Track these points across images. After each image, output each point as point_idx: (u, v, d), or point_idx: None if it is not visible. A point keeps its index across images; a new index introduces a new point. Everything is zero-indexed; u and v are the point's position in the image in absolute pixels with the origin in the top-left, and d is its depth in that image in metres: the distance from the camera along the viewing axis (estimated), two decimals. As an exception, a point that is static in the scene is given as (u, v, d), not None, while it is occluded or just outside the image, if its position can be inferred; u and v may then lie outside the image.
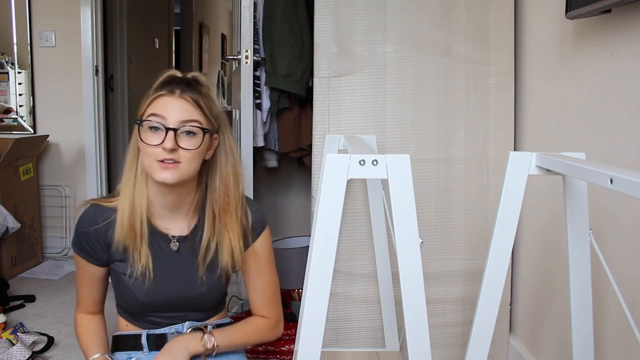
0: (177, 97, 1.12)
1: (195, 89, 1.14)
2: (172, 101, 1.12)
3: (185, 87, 1.13)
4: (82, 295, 1.33)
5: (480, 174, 1.74)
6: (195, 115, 1.13)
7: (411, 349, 0.94)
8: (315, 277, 0.91)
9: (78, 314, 1.34)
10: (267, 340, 1.38)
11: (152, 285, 1.24)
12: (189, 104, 1.12)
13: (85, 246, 1.25)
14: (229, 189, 1.21)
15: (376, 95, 1.72)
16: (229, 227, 1.22)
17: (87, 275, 1.30)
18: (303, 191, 3.08)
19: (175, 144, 1.10)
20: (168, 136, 1.10)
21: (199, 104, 1.13)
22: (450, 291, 1.76)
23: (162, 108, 1.12)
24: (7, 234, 2.62)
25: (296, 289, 2.24)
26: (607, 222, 1.24)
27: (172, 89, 1.13)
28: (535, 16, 1.65)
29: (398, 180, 0.91)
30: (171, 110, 1.11)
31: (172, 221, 1.25)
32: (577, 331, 1.03)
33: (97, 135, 3.17)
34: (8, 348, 1.78)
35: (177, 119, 1.11)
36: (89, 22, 3.08)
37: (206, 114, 1.15)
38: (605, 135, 1.26)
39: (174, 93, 1.12)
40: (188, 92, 1.13)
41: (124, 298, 1.28)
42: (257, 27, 2.37)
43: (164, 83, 1.15)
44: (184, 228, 1.26)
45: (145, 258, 1.22)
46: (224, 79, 7.62)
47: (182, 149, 1.12)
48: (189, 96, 1.12)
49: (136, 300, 1.26)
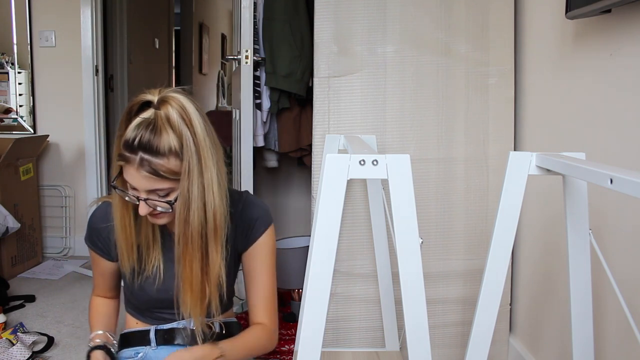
0: (135, 169, 1.08)
1: (153, 150, 1.07)
2: (134, 173, 1.09)
3: (143, 152, 1.07)
4: (97, 283, 1.40)
5: (480, 174, 1.74)
6: (159, 184, 1.10)
7: (411, 349, 0.93)
8: (315, 277, 0.91)
9: (93, 296, 1.43)
10: (265, 352, 1.35)
11: (162, 283, 1.27)
12: (148, 177, 1.08)
13: (97, 242, 1.31)
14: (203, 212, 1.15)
15: (376, 95, 1.72)
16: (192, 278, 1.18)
17: (99, 267, 1.36)
18: (303, 191, 3.08)
19: (149, 207, 1.13)
20: (141, 205, 1.12)
21: (158, 174, 1.08)
22: (450, 291, 1.76)
23: (130, 178, 1.10)
24: (7, 234, 2.62)
25: (296, 289, 2.24)
26: (607, 222, 1.23)
27: (130, 158, 1.08)
28: (535, 16, 1.65)
29: (398, 180, 0.91)
30: (137, 183, 1.10)
31: None
32: (577, 331, 1.03)
33: (97, 135, 3.18)
34: (8, 348, 1.78)
35: (144, 189, 1.10)
36: (89, 22, 3.08)
37: (169, 177, 1.09)
38: (605, 135, 1.26)
39: (133, 164, 1.08)
40: (145, 162, 1.07)
41: (134, 294, 1.31)
42: (257, 27, 2.37)
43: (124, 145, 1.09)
44: None
45: (157, 258, 1.26)
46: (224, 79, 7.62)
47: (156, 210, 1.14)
48: (147, 168, 1.08)
49: (146, 296, 1.30)
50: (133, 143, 1.08)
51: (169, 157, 1.08)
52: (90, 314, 1.40)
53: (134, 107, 1.12)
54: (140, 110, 1.12)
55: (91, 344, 1.30)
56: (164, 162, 1.08)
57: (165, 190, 1.11)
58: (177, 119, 1.08)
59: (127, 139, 1.09)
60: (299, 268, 2.13)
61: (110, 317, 1.40)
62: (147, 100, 1.11)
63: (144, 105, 1.12)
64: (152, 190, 1.10)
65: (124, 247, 1.23)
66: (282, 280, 2.24)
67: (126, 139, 1.09)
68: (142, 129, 1.08)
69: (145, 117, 1.09)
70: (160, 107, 1.10)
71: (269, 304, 1.34)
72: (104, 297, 1.42)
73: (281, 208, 3.14)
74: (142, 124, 1.09)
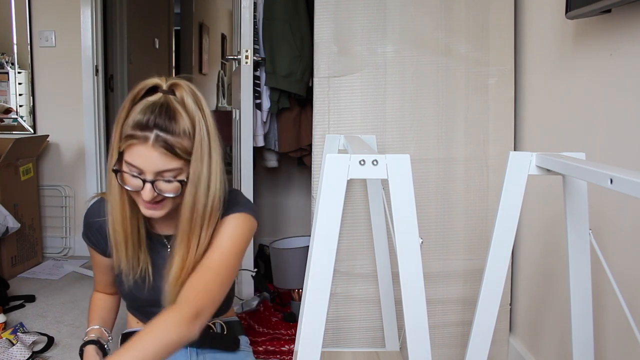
0: (150, 146, 1.05)
1: (172, 124, 1.06)
2: (145, 151, 1.05)
3: (162, 128, 1.05)
4: (97, 279, 1.42)
5: (480, 174, 1.74)
6: (171, 164, 1.07)
7: (411, 349, 0.93)
8: (315, 277, 0.91)
9: (94, 292, 1.45)
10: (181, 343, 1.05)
11: (152, 286, 1.27)
12: (164, 154, 1.06)
13: (91, 236, 1.32)
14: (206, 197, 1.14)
15: (376, 95, 1.72)
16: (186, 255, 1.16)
17: (96, 262, 1.38)
18: (303, 191, 3.08)
19: (155, 192, 1.08)
20: (146, 187, 1.07)
21: (173, 151, 1.06)
22: (450, 291, 1.76)
23: (138, 159, 1.06)
24: (7, 234, 2.62)
25: (296, 289, 2.24)
26: (607, 222, 1.23)
27: (145, 135, 1.05)
28: (536, 16, 1.65)
29: (398, 180, 0.91)
30: (146, 162, 1.06)
31: (166, 223, 1.27)
32: (577, 331, 1.03)
33: (97, 135, 3.18)
34: (8, 348, 1.78)
35: (154, 170, 1.07)
36: (89, 22, 3.08)
37: (182, 156, 1.08)
38: (605, 135, 1.26)
39: (147, 141, 1.05)
40: (161, 138, 1.05)
41: (126, 297, 1.31)
42: (257, 27, 2.37)
43: (136, 124, 1.06)
44: (172, 228, 1.25)
45: (144, 262, 1.24)
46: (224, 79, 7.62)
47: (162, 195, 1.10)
48: (162, 144, 1.05)
49: (137, 298, 1.30)
50: (148, 122, 1.06)
51: (183, 137, 1.08)
52: (89, 308, 1.42)
53: (140, 92, 1.11)
54: (146, 95, 1.11)
55: (85, 338, 1.32)
56: (179, 140, 1.07)
57: (174, 171, 1.08)
58: (190, 102, 1.09)
59: (140, 119, 1.06)
60: (299, 268, 2.13)
61: (107, 312, 1.42)
62: (154, 85, 1.11)
63: (150, 90, 1.12)
64: (161, 172, 1.07)
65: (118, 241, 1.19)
66: (282, 280, 2.24)
67: (138, 119, 1.06)
68: (155, 110, 1.07)
69: (155, 99, 1.09)
70: (172, 90, 1.11)
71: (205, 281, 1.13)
72: (103, 292, 1.44)
73: (281, 208, 3.14)
74: (155, 105, 1.08)
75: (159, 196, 1.10)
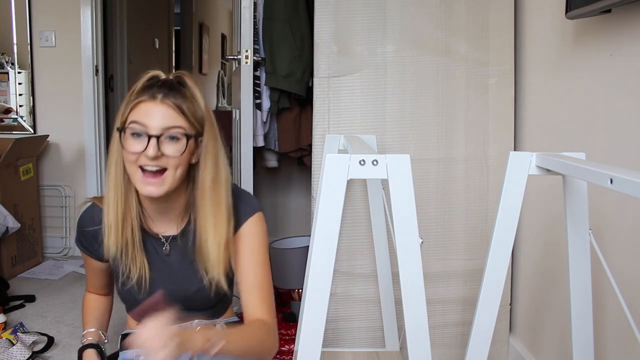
0: (158, 102, 1.07)
1: (178, 93, 1.09)
2: (153, 107, 1.07)
3: (168, 91, 1.08)
4: (90, 280, 1.41)
5: (480, 174, 1.74)
6: (178, 121, 1.08)
7: (411, 349, 0.94)
8: (315, 277, 0.91)
9: (86, 293, 1.43)
10: (266, 353, 1.19)
11: (150, 287, 1.25)
12: (171, 110, 1.07)
13: (85, 243, 1.30)
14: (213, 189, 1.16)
15: (376, 95, 1.72)
16: (215, 225, 1.17)
17: (90, 267, 1.36)
18: (303, 191, 3.08)
19: (159, 150, 1.07)
20: (150, 143, 1.06)
21: (181, 109, 1.08)
22: (450, 291, 1.76)
23: (144, 115, 1.07)
24: (7, 234, 2.62)
25: (296, 289, 2.24)
26: (607, 222, 1.23)
27: (153, 93, 1.07)
28: (535, 16, 1.65)
29: (398, 180, 0.91)
30: (153, 117, 1.07)
31: (163, 223, 1.24)
32: (577, 331, 1.03)
33: (97, 135, 3.18)
34: (8, 348, 1.78)
35: (160, 126, 1.07)
36: (89, 22, 3.08)
37: (189, 118, 1.10)
38: (605, 135, 1.26)
39: (155, 98, 1.07)
40: (170, 97, 1.07)
41: (124, 299, 1.30)
42: (257, 27, 2.37)
43: (145, 87, 1.10)
44: (174, 228, 1.25)
45: (140, 263, 1.22)
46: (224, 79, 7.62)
47: (165, 155, 1.08)
48: (171, 101, 1.07)
49: (135, 301, 1.27)
50: (156, 81, 1.10)
51: (189, 99, 1.11)
52: (83, 310, 1.40)
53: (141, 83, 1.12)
54: None
55: (84, 341, 1.31)
56: (187, 103, 1.10)
57: (180, 129, 1.08)
58: (197, 90, 1.14)
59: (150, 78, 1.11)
60: (299, 268, 2.13)
61: (102, 314, 1.40)
62: (156, 75, 1.13)
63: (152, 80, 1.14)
64: (166, 128, 1.07)
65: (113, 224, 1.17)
66: (282, 280, 2.24)
67: (148, 79, 1.11)
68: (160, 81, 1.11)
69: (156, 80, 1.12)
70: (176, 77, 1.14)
71: (265, 296, 1.22)
72: (96, 293, 1.42)
73: (281, 208, 3.14)
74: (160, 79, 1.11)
75: (160, 159, 1.08)
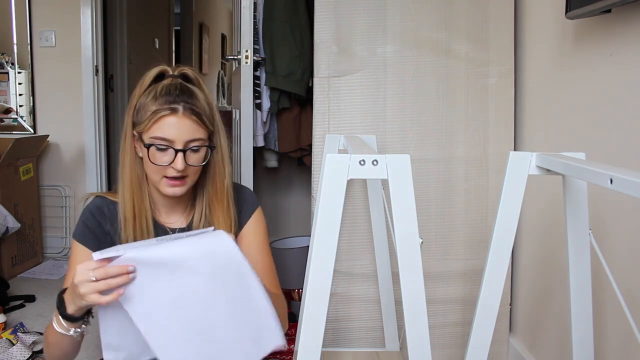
0: (180, 115, 1.11)
1: (194, 99, 1.13)
2: (176, 122, 1.11)
3: (187, 101, 1.12)
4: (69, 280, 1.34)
5: (480, 174, 1.74)
6: (199, 133, 1.13)
7: (411, 349, 0.93)
8: (315, 277, 0.91)
9: None
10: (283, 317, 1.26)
11: None
12: (193, 122, 1.12)
13: (90, 235, 1.23)
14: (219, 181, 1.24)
15: (376, 95, 1.72)
16: (220, 216, 1.24)
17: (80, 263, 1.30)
18: (303, 191, 3.08)
19: (185, 163, 1.13)
20: (178, 157, 1.11)
21: (201, 119, 1.13)
22: (450, 291, 1.76)
23: (168, 130, 1.11)
24: (7, 234, 2.62)
25: (296, 289, 2.24)
26: (607, 222, 1.23)
27: (174, 107, 1.11)
28: (536, 16, 1.65)
29: (398, 180, 0.91)
30: (177, 132, 1.11)
31: (172, 215, 1.27)
32: (577, 331, 1.03)
33: (97, 135, 3.18)
34: (8, 348, 1.78)
35: (184, 139, 1.12)
36: (89, 22, 3.08)
37: (207, 126, 1.15)
38: (605, 135, 1.26)
39: (177, 112, 1.11)
40: (188, 108, 1.12)
41: None
42: (257, 27, 2.37)
43: (163, 95, 1.12)
44: (182, 221, 1.27)
45: None
46: (224, 79, 7.62)
47: (189, 165, 1.14)
48: (192, 113, 1.12)
49: None
50: (172, 96, 1.12)
51: (205, 108, 1.15)
52: None
53: (148, 79, 1.16)
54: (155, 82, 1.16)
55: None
56: (204, 109, 1.14)
57: (200, 141, 1.14)
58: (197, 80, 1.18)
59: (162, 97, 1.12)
60: (299, 268, 2.13)
61: None
62: (161, 71, 1.17)
63: (158, 77, 1.16)
64: (190, 141, 1.12)
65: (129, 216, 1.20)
66: (282, 280, 2.24)
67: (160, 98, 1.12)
68: (177, 88, 1.13)
69: (169, 82, 1.14)
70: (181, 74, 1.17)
71: (274, 280, 1.31)
72: None
73: (281, 208, 3.14)
74: (172, 85, 1.13)
75: (186, 169, 1.15)
